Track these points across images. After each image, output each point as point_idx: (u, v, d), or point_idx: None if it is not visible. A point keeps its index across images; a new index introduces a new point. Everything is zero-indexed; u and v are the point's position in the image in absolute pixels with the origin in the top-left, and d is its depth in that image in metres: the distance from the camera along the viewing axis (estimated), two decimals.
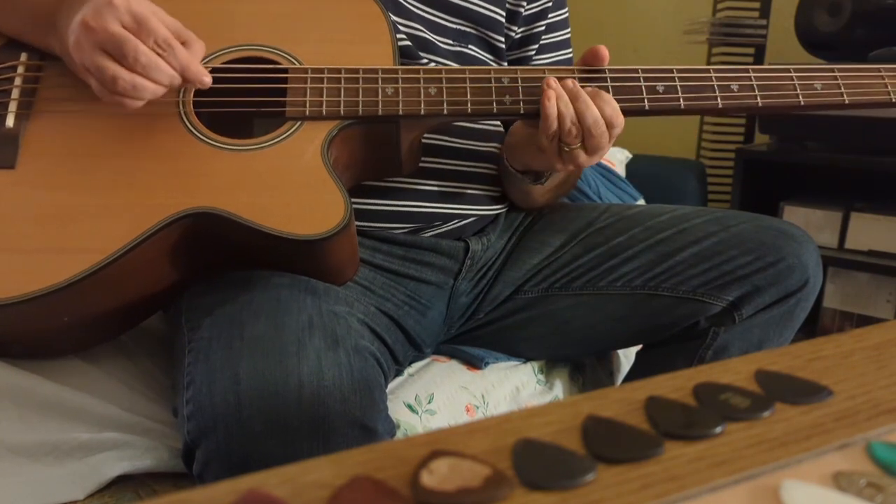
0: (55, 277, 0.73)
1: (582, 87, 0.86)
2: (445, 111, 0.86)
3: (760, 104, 0.90)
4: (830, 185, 2.08)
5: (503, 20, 1.05)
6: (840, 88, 0.91)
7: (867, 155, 1.85)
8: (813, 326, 1.95)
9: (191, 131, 0.82)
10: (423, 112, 0.85)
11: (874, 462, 0.38)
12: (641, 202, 1.66)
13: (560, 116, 0.84)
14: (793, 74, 0.91)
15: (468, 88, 0.86)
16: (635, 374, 1.13)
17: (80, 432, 0.80)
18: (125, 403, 0.84)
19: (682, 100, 0.89)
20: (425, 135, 0.94)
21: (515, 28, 1.07)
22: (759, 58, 2.27)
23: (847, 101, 0.91)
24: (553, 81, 0.86)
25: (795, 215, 1.95)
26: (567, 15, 1.13)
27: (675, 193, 2.02)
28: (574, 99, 0.85)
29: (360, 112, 0.84)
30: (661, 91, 0.88)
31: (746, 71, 0.90)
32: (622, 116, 0.86)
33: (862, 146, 1.87)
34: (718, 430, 0.39)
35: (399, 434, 0.82)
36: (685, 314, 0.99)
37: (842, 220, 1.91)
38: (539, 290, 1.04)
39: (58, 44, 0.80)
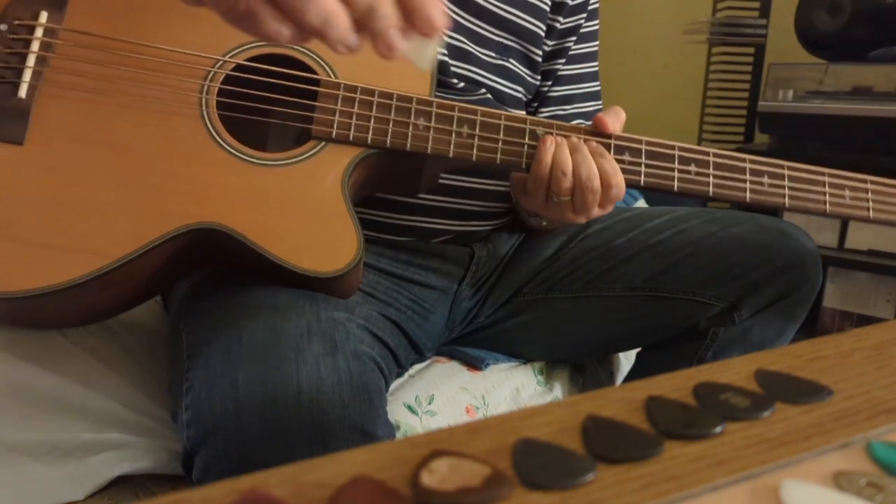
0: (57, 277, 0.72)
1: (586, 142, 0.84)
2: (475, 157, 0.83)
3: (787, 204, 0.88)
4: None
5: (543, 35, 1.03)
6: (868, 203, 0.89)
7: (867, 154, 1.85)
8: (813, 326, 1.95)
9: (211, 135, 0.78)
10: (451, 154, 0.82)
11: (874, 461, 0.38)
12: (641, 202, 1.66)
13: (554, 162, 0.82)
14: (826, 179, 0.89)
15: (501, 137, 0.83)
16: (635, 375, 1.13)
17: (79, 431, 0.80)
18: (126, 400, 0.84)
19: (711, 186, 0.86)
20: None
21: (549, 42, 1.05)
22: (759, 57, 2.27)
23: (871, 217, 0.89)
24: (558, 138, 0.83)
25: (795, 215, 1.95)
26: (598, 27, 1.11)
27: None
28: (573, 150, 0.83)
29: (388, 144, 0.80)
30: (692, 173, 0.86)
31: (781, 167, 0.88)
32: (622, 177, 0.83)
33: (862, 145, 1.87)
34: (718, 429, 0.39)
35: (399, 435, 0.82)
36: (685, 315, 0.99)
37: (841, 219, 1.91)
38: (539, 292, 1.04)
39: None
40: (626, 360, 1.24)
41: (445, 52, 0.93)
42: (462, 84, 0.94)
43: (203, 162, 0.77)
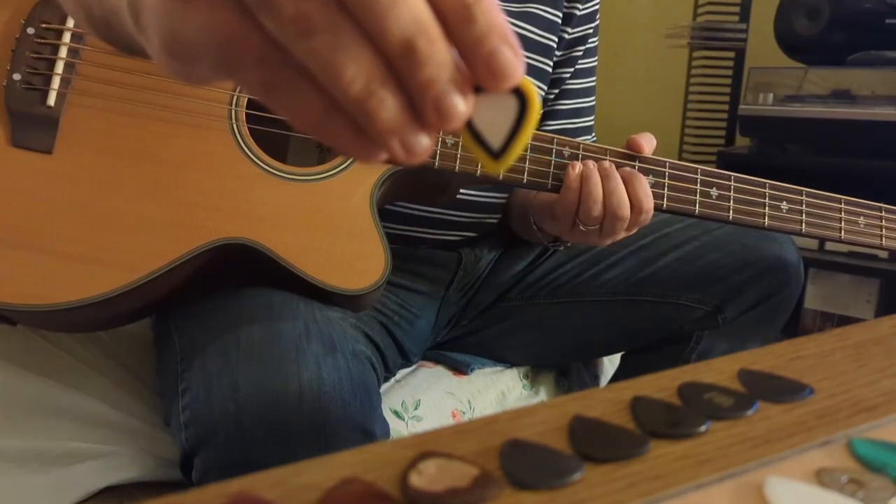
0: (89, 292, 0.72)
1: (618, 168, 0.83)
2: (501, 177, 0.82)
3: (803, 230, 0.88)
4: (811, 187, 2.09)
5: (555, 46, 1.03)
6: (881, 231, 0.90)
7: (846, 157, 1.87)
8: (794, 327, 1.97)
9: (242, 149, 0.78)
10: (478, 174, 0.82)
11: (855, 458, 0.38)
12: None
13: (584, 190, 0.81)
14: (842, 206, 0.89)
15: (528, 156, 0.82)
16: (620, 378, 1.14)
17: (65, 438, 0.80)
18: (112, 404, 0.83)
19: (731, 211, 0.86)
20: None
21: (558, 52, 1.05)
22: (739, 61, 2.28)
23: (883, 244, 0.90)
24: (590, 162, 0.82)
25: None
26: (598, 42, 1.11)
27: None
28: (604, 177, 0.81)
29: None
30: (713, 196, 0.86)
31: (800, 193, 0.89)
32: (652, 204, 0.82)
33: (841, 149, 1.89)
34: (703, 428, 0.40)
35: None
36: (669, 318, 0.99)
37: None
38: (524, 297, 1.04)
39: None
40: (611, 363, 1.24)
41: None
42: None
43: (233, 176, 0.77)
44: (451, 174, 0.83)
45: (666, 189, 0.85)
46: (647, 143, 0.86)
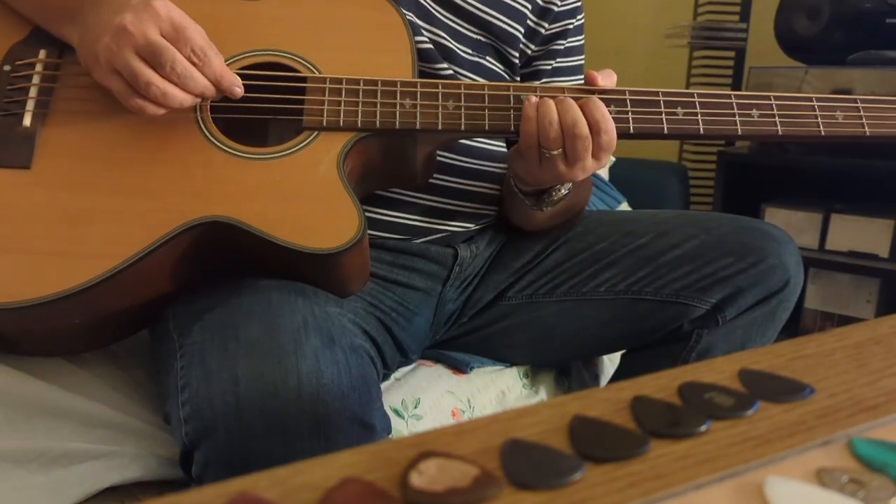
0: (68, 282, 0.73)
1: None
2: (463, 127, 0.85)
3: (780, 132, 0.88)
4: (811, 187, 2.10)
5: (521, 36, 1.04)
6: (861, 119, 0.89)
7: (847, 157, 1.87)
8: (795, 327, 1.97)
9: (207, 137, 0.81)
10: (440, 127, 0.84)
11: (856, 458, 0.38)
12: (625, 205, 1.67)
13: (539, 115, 0.83)
14: (815, 104, 0.89)
15: (486, 105, 0.85)
16: (620, 377, 1.14)
17: (66, 438, 0.80)
18: (112, 404, 0.84)
19: (701, 124, 0.87)
20: None
21: (532, 46, 1.05)
22: (739, 61, 2.29)
23: (868, 133, 0.89)
24: (546, 96, 0.85)
25: (777, 217, 1.96)
26: (583, 41, 1.12)
27: (659, 196, 2.04)
28: (558, 103, 0.83)
29: (378, 124, 0.83)
30: (680, 114, 0.87)
31: (768, 98, 0.89)
32: (612, 124, 0.83)
33: (842, 148, 1.89)
34: (703, 428, 0.40)
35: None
36: (669, 317, 0.99)
37: (822, 221, 1.93)
38: (523, 296, 1.04)
39: (76, 36, 0.80)
40: (611, 362, 1.24)
41: (431, 46, 0.94)
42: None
43: (202, 163, 0.80)
44: (414, 134, 0.85)
45: (630, 114, 0.86)
46: (605, 77, 0.88)
